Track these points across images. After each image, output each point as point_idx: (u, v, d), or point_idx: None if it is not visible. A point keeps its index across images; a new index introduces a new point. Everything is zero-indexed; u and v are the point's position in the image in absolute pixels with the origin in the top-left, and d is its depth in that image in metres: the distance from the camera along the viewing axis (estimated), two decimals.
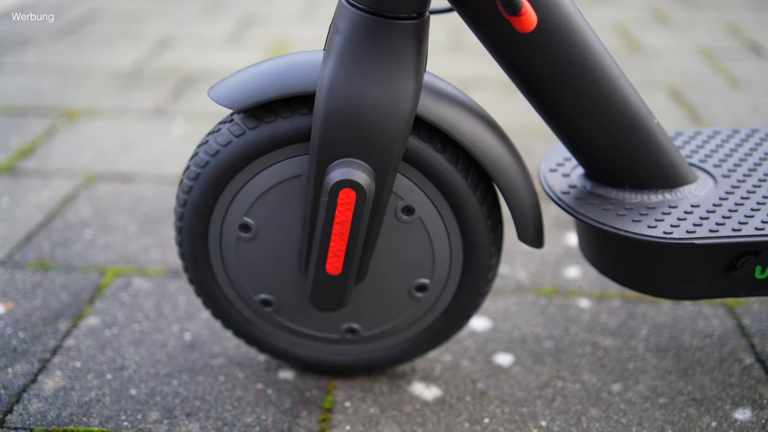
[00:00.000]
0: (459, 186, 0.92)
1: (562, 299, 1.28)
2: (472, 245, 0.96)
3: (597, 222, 0.94)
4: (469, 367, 1.12)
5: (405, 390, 1.07)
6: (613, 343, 1.17)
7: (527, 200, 0.94)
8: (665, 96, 2.19)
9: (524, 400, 1.06)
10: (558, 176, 1.03)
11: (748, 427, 1.01)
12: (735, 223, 0.92)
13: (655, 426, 1.01)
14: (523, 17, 0.80)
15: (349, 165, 0.86)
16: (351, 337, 1.04)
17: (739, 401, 1.05)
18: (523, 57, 0.87)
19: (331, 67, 0.84)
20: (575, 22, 0.86)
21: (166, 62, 2.45)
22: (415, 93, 0.85)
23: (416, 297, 1.00)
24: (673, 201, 0.96)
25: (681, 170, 0.98)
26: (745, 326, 1.21)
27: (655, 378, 1.10)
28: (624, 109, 0.91)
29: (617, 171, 0.96)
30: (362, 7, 0.81)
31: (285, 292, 1.01)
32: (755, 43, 2.67)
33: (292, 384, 1.08)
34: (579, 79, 0.88)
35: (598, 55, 0.88)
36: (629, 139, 0.93)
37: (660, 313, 1.25)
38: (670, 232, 0.91)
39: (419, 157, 0.91)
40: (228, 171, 0.92)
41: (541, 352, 1.15)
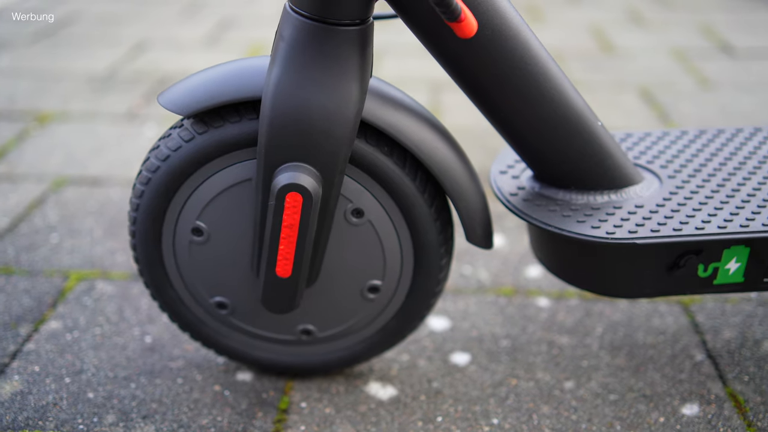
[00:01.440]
0: (407, 188, 0.94)
1: (521, 298, 1.30)
2: (422, 246, 0.98)
3: (542, 223, 0.95)
4: (425, 367, 1.14)
5: (361, 390, 1.09)
6: (568, 341, 1.19)
7: (474, 202, 0.96)
8: (636, 96, 2.22)
9: (478, 398, 1.07)
10: (507, 178, 1.05)
11: (694, 422, 1.03)
12: (676, 223, 0.94)
13: (604, 422, 1.03)
14: (463, 23, 0.82)
15: (295, 169, 0.88)
16: (306, 338, 1.06)
17: (688, 397, 1.07)
18: (466, 62, 0.89)
19: (276, 73, 0.85)
20: (516, 27, 0.88)
21: (141, 65, 2.46)
22: (360, 98, 0.87)
23: (369, 298, 1.02)
24: (618, 202, 0.98)
25: (626, 171, 1.00)
26: (698, 323, 1.23)
27: (607, 375, 1.12)
28: (567, 112, 0.93)
29: (563, 173, 0.98)
30: (306, 14, 0.83)
31: (239, 295, 1.02)
32: (727, 43, 2.70)
33: (249, 385, 1.09)
34: (521, 83, 0.90)
35: (540, 60, 0.90)
36: (573, 142, 0.95)
37: (617, 311, 1.27)
38: (613, 232, 0.93)
39: (367, 160, 0.92)
40: (179, 175, 0.94)
41: (497, 351, 1.17)
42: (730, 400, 1.07)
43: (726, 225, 0.94)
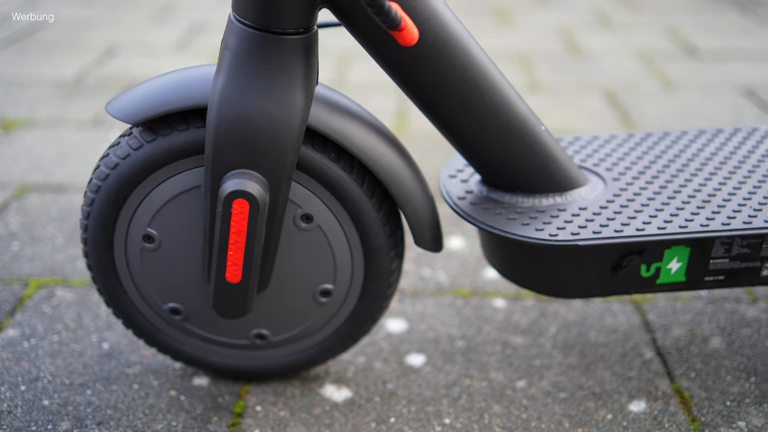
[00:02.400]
0: (354, 194, 0.95)
1: (478, 300, 1.32)
2: (372, 251, 0.99)
3: (488, 226, 0.97)
4: (381, 369, 1.15)
5: (316, 392, 1.10)
6: (522, 341, 1.21)
7: (422, 206, 0.98)
8: (600, 98, 2.25)
9: (431, 398, 1.09)
10: (456, 182, 1.07)
11: (641, 418, 1.05)
12: (618, 225, 0.97)
13: (553, 420, 1.05)
14: (404, 31, 0.84)
15: (242, 176, 0.89)
16: (261, 342, 1.07)
17: (636, 394, 1.10)
18: (409, 69, 0.91)
19: (221, 81, 0.87)
20: (457, 34, 0.90)
21: (110, 71, 2.46)
22: (305, 105, 0.88)
23: (321, 302, 1.03)
24: (563, 204, 1.01)
25: (571, 174, 1.02)
26: (649, 321, 1.26)
27: (558, 374, 1.14)
28: (510, 117, 0.95)
29: (509, 176, 1.00)
30: (249, 24, 0.84)
31: (192, 300, 1.03)
32: (691, 45, 2.74)
33: (205, 390, 1.10)
34: (464, 89, 0.92)
35: (481, 66, 0.92)
36: (517, 146, 0.97)
37: (571, 311, 1.29)
38: (556, 234, 0.95)
39: (314, 166, 0.94)
40: (128, 183, 0.95)
41: (452, 352, 1.19)
42: (676, 396, 1.09)
43: (666, 226, 0.96)
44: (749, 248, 1.00)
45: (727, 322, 1.26)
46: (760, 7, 3.25)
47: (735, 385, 1.11)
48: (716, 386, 1.11)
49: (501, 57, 2.62)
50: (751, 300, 1.31)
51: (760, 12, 3.18)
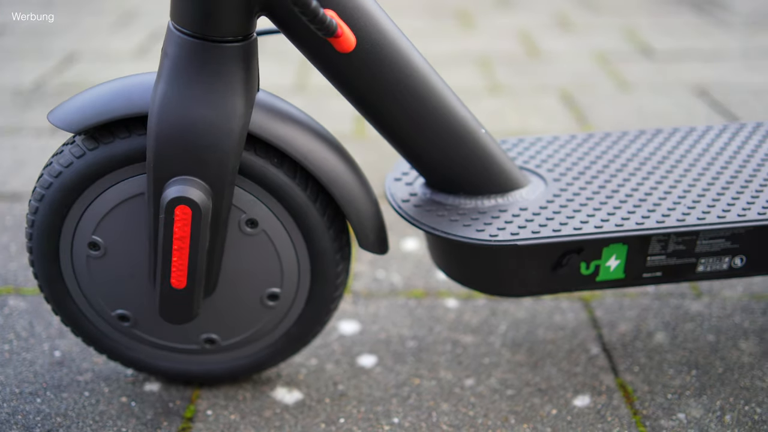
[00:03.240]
0: (298, 198, 0.97)
1: (431, 300, 1.34)
2: (318, 254, 1.01)
3: (430, 228, 0.99)
4: (332, 370, 1.17)
5: (267, 395, 1.11)
6: (472, 340, 1.24)
7: (365, 209, 1.00)
8: (556, 99, 2.29)
9: (380, 399, 1.11)
10: (401, 185, 1.09)
11: (584, 412, 1.08)
12: (556, 224, 0.99)
13: (499, 416, 1.07)
14: (341, 38, 0.86)
15: (183, 182, 0.90)
16: (210, 347, 1.08)
17: (581, 389, 1.13)
18: (348, 75, 0.92)
19: (161, 89, 0.87)
20: (395, 40, 0.92)
21: (69, 78, 2.44)
22: (246, 111, 0.90)
23: (269, 306, 1.04)
24: (504, 205, 1.03)
25: (512, 175, 1.04)
26: (597, 318, 1.29)
27: (506, 371, 1.16)
28: (450, 120, 0.97)
29: (451, 179, 1.02)
30: (188, 33, 0.85)
31: (140, 307, 1.04)
32: (648, 45, 2.79)
33: (156, 396, 1.11)
34: (403, 94, 0.94)
35: (420, 71, 0.94)
36: (457, 149, 0.99)
37: (521, 309, 1.32)
38: (496, 234, 0.98)
39: (257, 172, 0.95)
40: (71, 191, 0.95)
41: (403, 352, 1.21)
42: (619, 390, 1.12)
43: (603, 225, 0.99)
44: (684, 245, 1.03)
45: (671, 317, 1.29)
46: (716, 8, 3.32)
47: (676, 378, 1.15)
48: (658, 380, 1.14)
49: (462, 60, 2.65)
50: (696, 295, 1.35)
51: (716, 13, 3.25)
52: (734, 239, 1.04)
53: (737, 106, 2.21)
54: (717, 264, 1.06)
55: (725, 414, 1.07)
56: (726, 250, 1.05)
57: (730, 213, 1.01)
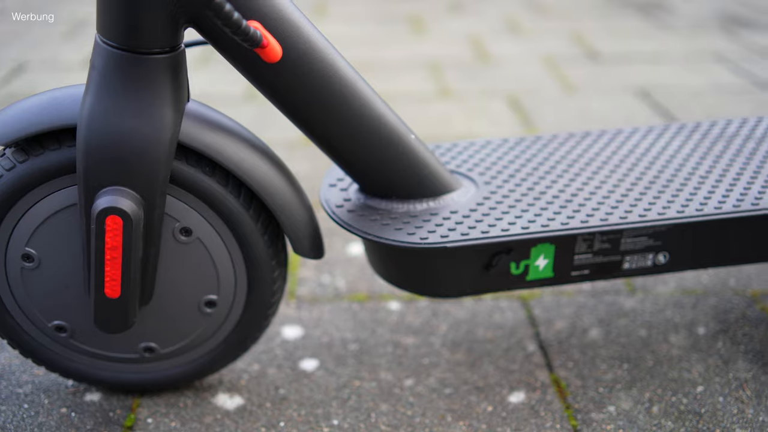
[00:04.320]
0: (231, 206, 0.98)
1: (374, 303, 1.37)
2: (253, 260, 1.02)
3: (362, 232, 1.02)
4: (274, 375, 1.18)
5: (209, 402, 1.12)
6: (413, 341, 1.26)
7: (299, 215, 1.01)
8: (504, 103, 2.33)
9: (321, 401, 1.13)
10: (336, 191, 1.11)
11: (519, 408, 1.11)
12: (485, 226, 1.02)
13: (436, 415, 1.10)
14: (267, 49, 0.88)
15: (114, 193, 0.91)
16: (149, 355, 1.09)
17: (516, 386, 1.16)
18: (276, 84, 0.94)
19: (90, 101, 0.88)
20: (321, 50, 0.94)
21: (16, 88, 2.41)
22: (175, 122, 0.91)
23: (207, 313, 1.05)
24: (436, 209, 1.06)
25: (443, 179, 1.07)
26: (535, 316, 1.33)
27: (445, 371, 1.19)
28: (379, 127, 1.00)
29: (383, 184, 1.05)
30: (114, 45, 0.86)
31: (77, 317, 1.04)
32: (594, 49, 2.86)
33: (97, 405, 1.11)
34: (331, 102, 0.96)
35: (347, 79, 0.96)
36: (387, 155, 1.01)
37: (461, 309, 1.35)
38: (426, 237, 1.00)
39: (189, 181, 0.96)
40: (2, 204, 0.95)
41: (345, 355, 1.23)
42: (553, 386, 1.16)
43: (529, 225, 1.03)
44: (609, 243, 1.07)
45: (606, 313, 1.33)
46: (661, 12, 3.41)
47: (609, 372, 1.19)
48: (591, 374, 1.18)
49: (413, 65, 2.68)
50: (630, 291, 1.40)
51: (661, 16, 3.34)
52: (657, 237, 1.08)
53: (677, 107, 2.28)
54: (642, 261, 1.10)
55: (653, 405, 1.11)
56: (650, 248, 1.09)
57: (650, 212, 1.05)
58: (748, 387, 1.15)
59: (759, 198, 1.07)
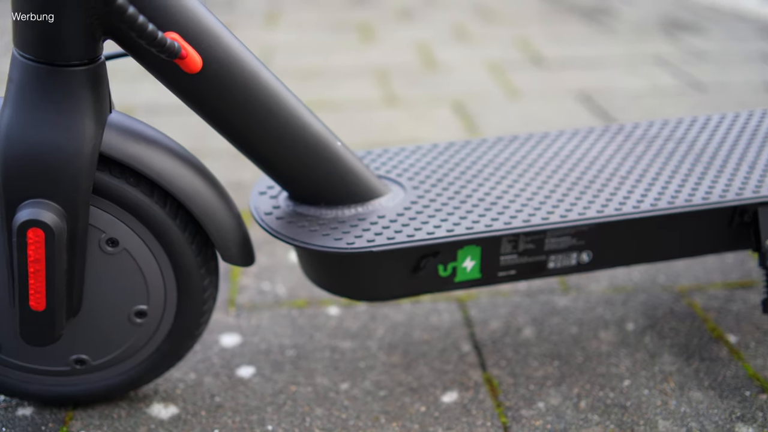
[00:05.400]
0: (158, 216, 0.99)
1: (314, 309, 1.38)
2: (182, 269, 1.03)
3: (289, 239, 1.03)
4: (210, 383, 1.19)
5: (143, 412, 1.12)
6: (350, 345, 1.28)
7: (226, 223, 1.02)
8: (449, 109, 2.37)
9: (256, 408, 1.13)
10: (266, 198, 1.12)
11: (451, 407, 1.13)
12: (411, 230, 1.04)
13: (370, 417, 1.12)
14: (187, 59, 0.89)
15: (35, 205, 0.91)
16: (81, 367, 1.08)
17: (450, 386, 1.18)
18: (198, 95, 0.95)
19: (8, 114, 0.88)
20: (242, 59, 0.95)
21: None
22: (96, 133, 0.91)
23: (137, 323, 1.06)
24: (363, 214, 1.08)
25: (370, 185, 1.09)
26: (471, 317, 1.35)
27: (381, 373, 1.21)
28: (304, 135, 1.01)
29: (310, 191, 1.06)
30: (31, 58, 0.87)
31: (4, 331, 1.03)
32: (539, 54, 2.92)
33: (29, 420, 1.10)
34: (254, 111, 0.97)
35: (270, 88, 0.98)
36: (313, 162, 1.03)
37: (399, 313, 1.37)
38: (353, 242, 1.02)
39: (114, 191, 0.97)
40: None
41: (282, 361, 1.24)
42: (486, 384, 1.18)
43: (454, 228, 1.05)
44: (534, 244, 1.10)
45: (539, 312, 1.37)
46: (605, 17, 3.49)
47: (540, 369, 1.22)
48: (523, 372, 1.21)
49: (361, 72, 2.70)
50: (563, 290, 1.43)
51: (606, 21, 3.42)
52: (580, 236, 1.11)
53: (617, 110, 2.34)
54: (566, 260, 1.13)
55: (581, 400, 1.15)
56: (573, 247, 1.12)
57: (571, 212, 1.08)
58: (673, 379, 1.19)
59: (675, 197, 1.12)
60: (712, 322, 1.33)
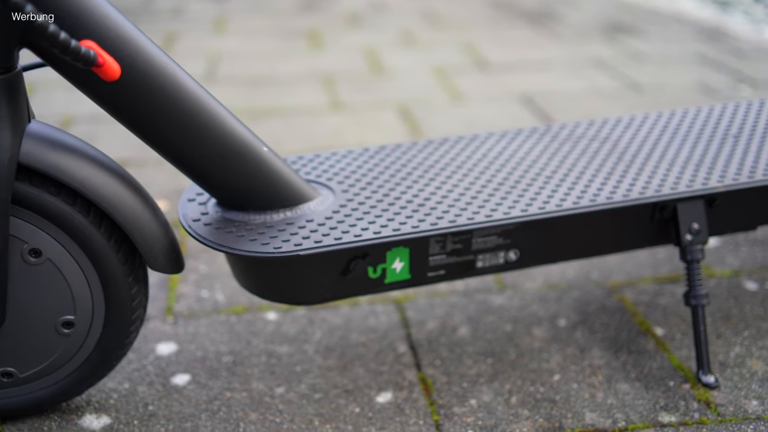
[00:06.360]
0: (81, 225, 0.98)
1: (252, 315, 1.38)
2: (109, 278, 1.03)
3: (216, 244, 1.03)
4: (144, 392, 1.18)
5: (75, 423, 1.11)
6: (288, 350, 1.28)
7: (152, 231, 1.02)
8: (394, 114, 2.39)
9: (190, 415, 1.13)
10: (194, 205, 1.12)
11: (386, 408, 1.15)
12: (339, 233, 1.06)
13: (305, 420, 1.12)
14: (104, 68, 0.89)
15: None
16: (8, 380, 1.07)
17: (384, 386, 1.19)
18: (118, 103, 0.95)
19: None
20: (162, 66, 0.96)
21: None
22: (12, 143, 0.91)
23: (65, 333, 1.05)
24: (292, 218, 1.08)
25: (299, 190, 1.10)
26: (408, 318, 1.37)
27: (317, 376, 1.22)
28: (229, 141, 1.02)
29: (238, 197, 1.07)
30: None
31: None
32: (484, 58, 2.96)
33: None
34: (176, 118, 0.98)
35: (192, 95, 0.98)
36: (239, 168, 1.04)
37: (337, 316, 1.38)
38: (280, 247, 1.03)
39: (35, 202, 0.96)
40: None
41: (218, 368, 1.24)
42: (420, 384, 1.20)
43: (381, 230, 1.06)
44: (461, 244, 1.12)
45: (475, 311, 1.39)
46: (550, 21, 3.56)
47: (473, 367, 1.24)
48: (457, 371, 1.23)
49: (308, 79, 2.71)
50: (500, 289, 1.46)
51: (550, 25, 3.48)
52: (506, 235, 1.14)
53: (557, 111, 2.39)
54: (494, 259, 1.16)
55: (512, 396, 1.17)
56: (500, 246, 1.15)
57: (497, 212, 1.11)
58: (601, 373, 1.22)
59: (597, 195, 1.15)
60: (641, 316, 1.37)
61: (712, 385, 1.17)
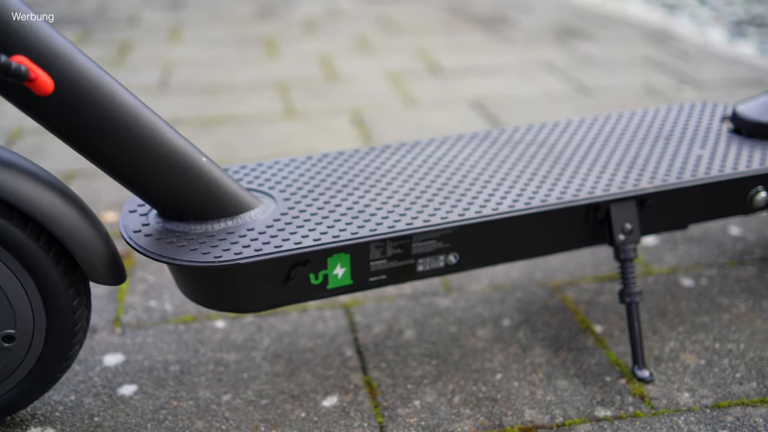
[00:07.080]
0: (17, 238, 0.99)
1: (200, 323, 1.39)
2: (49, 291, 1.03)
3: (156, 255, 1.04)
4: (90, 404, 1.18)
5: None
6: (235, 357, 1.29)
7: (91, 242, 1.03)
8: (347, 120, 2.41)
9: (136, 425, 1.14)
10: (135, 216, 1.13)
11: (331, 411, 1.17)
12: (279, 241, 1.07)
13: (250, 426, 1.14)
14: (37, 82, 0.89)
15: None
16: None
17: (331, 390, 1.21)
18: (53, 117, 0.96)
19: None
20: (96, 79, 0.96)
21: None
22: None
23: (5, 347, 1.05)
24: (233, 227, 1.10)
25: (240, 198, 1.12)
26: (355, 323, 1.39)
27: (264, 383, 1.23)
28: (165, 152, 1.03)
29: (178, 207, 1.08)
30: None
31: None
32: (437, 64, 3.00)
33: None
34: (112, 130, 0.98)
35: (127, 107, 0.99)
36: (178, 178, 1.05)
37: (286, 322, 1.39)
38: (220, 256, 1.04)
39: None
40: None
41: (165, 377, 1.24)
42: (365, 387, 1.22)
43: (321, 237, 1.08)
44: (401, 248, 1.15)
45: (421, 314, 1.42)
46: (503, 26, 3.62)
47: (418, 369, 1.26)
48: (402, 373, 1.25)
49: (263, 86, 2.72)
50: (446, 291, 1.49)
51: (503, 30, 3.54)
52: (445, 239, 1.17)
53: (507, 115, 2.44)
54: (434, 263, 1.18)
55: (455, 396, 1.20)
56: (440, 250, 1.17)
57: (435, 217, 1.14)
58: (541, 370, 1.25)
59: (532, 198, 1.18)
60: (581, 314, 1.41)
61: (646, 379, 1.21)
